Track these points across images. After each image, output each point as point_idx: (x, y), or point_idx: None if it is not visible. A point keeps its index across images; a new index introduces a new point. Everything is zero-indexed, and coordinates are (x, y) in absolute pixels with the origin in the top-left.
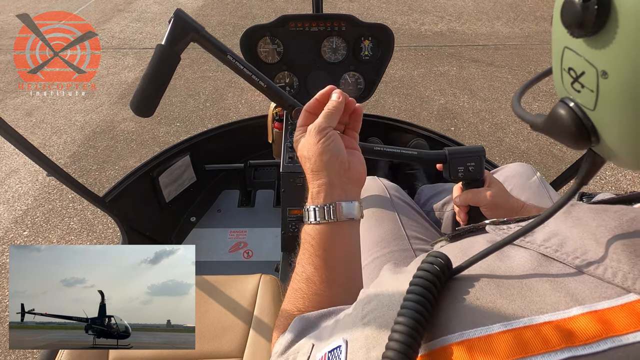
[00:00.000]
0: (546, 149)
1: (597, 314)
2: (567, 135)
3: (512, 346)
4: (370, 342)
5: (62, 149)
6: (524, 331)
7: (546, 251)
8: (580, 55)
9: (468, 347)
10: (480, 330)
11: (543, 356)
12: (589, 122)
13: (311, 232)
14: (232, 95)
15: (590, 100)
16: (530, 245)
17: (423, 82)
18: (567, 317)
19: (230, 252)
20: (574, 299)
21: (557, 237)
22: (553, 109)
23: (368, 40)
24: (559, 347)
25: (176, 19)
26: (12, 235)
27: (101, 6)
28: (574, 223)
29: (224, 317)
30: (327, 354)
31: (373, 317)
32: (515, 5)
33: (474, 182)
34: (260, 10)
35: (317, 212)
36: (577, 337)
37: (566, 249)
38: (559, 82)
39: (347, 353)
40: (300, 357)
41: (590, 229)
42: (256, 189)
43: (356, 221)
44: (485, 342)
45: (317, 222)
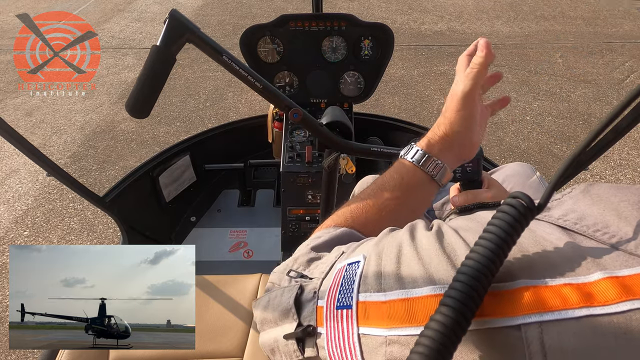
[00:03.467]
0: (546, 148)
1: (619, 280)
2: None
3: (531, 302)
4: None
5: (62, 149)
6: (545, 290)
7: (565, 224)
8: None
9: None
10: (503, 285)
11: (560, 313)
12: None
13: (411, 169)
14: (232, 95)
15: None
16: (548, 219)
17: (423, 82)
18: (588, 281)
19: (230, 251)
20: (595, 265)
21: (576, 212)
22: None
23: (368, 39)
24: (577, 305)
25: (171, 20)
26: (12, 235)
27: (101, 6)
28: (593, 200)
29: (224, 317)
30: (346, 265)
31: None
32: (515, 4)
33: (472, 183)
34: (260, 10)
35: (425, 158)
36: (596, 298)
37: (586, 222)
38: None
39: (363, 269)
40: (328, 260)
41: (612, 205)
42: (256, 188)
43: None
44: (505, 295)
45: (420, 165)
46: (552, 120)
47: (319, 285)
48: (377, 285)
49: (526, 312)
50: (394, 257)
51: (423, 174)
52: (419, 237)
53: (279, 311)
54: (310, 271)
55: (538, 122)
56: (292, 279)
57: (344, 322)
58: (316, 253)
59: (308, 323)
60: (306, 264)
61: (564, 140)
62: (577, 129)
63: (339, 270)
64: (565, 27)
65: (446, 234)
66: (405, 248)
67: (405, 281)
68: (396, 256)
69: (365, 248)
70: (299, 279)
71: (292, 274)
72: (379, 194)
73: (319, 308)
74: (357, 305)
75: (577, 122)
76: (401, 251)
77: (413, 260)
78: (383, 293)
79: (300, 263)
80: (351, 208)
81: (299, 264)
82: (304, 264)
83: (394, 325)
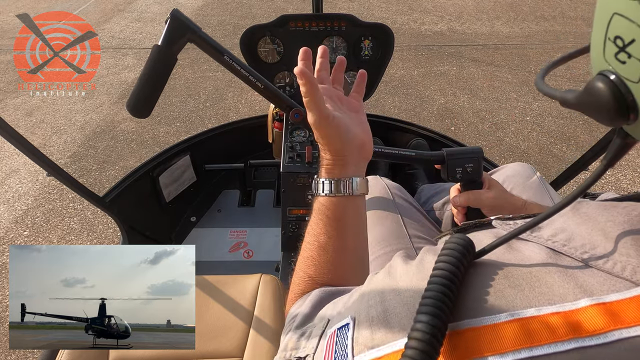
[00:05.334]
0: (546, 148)
1: (605, 306)
2: (603, 111)
3: (519, 335)
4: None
5: (62, 149)
6: (531, 321)
7: (554, 245)
8: (633, 20)
9: (474, 334)
10: (488, 319)
11: (549, 346)
12: (631, 96)
13: (326, 203)
14: (232, 95)
15: (636, 71)
16: (537, 240)
17: (423, 82)
18: (575, 308)
19: (230, 252)
20: (582, 291)
21: (565, 232)
22: (590, 82)
23: (368, 40)
24: (566, 337)
25: (173, 19)
26: (12, 235)
27: (101, 6)
28: (582, 219)
29: (224, 317)
30: (336, 330)
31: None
32: (516, 4)
33: (472, 183)
34: (260, 10)
35: (333, 185)
36: (585, 328)
37: (574, 244)
38: (600, 54)
39: (354, 330)
40: (315, 331)
41: (599, 225)
42: (256, 189)
43: (364, 195)
44: (491, 331)
45: (333, 194)
46: (552, 121)
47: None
48: (370, 342)
49: (516, 348)
50: (380, 308)
51: (342, 199)
52: (399, 276)
53: None
54: (302, 350)
55: (538, 123)
56: None
57: None
58: (301, 329)
59: None
60: (296, 344)
61: (564, 141)
62: (577, 129)
63: (330, 337)
64: (565, 28)
65: (428, 265)
66: (387, 295)
67: (395, 331)
68: (382, 308)
69: (351, 308)
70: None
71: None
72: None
73: None
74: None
75: (577, 123)
76: (384, 299)
77: (398, 306)
78: (377, 349)
79: (291, 348)
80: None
81: (290, 350)
82: (293, 347)
83: None
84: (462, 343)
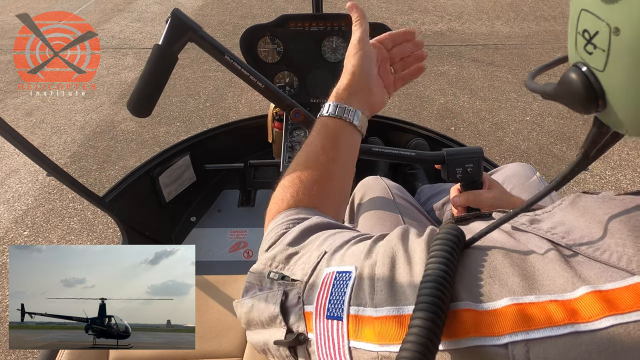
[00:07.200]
0: (546, 148)
1: (602, 294)
2: (576, 100)
3: (517, 319)
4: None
5: (62, 149)
6: (530, 307)
7: (553, 237)
8: (595, 14)
9: (472, 315)
10: (488, 305)
11: (545, 330)
12: (598, 84)
13: (327, 121)
14: (232, 95)
15: (601, 61)
16: (537, 232)
17: (423, 82)
18: (574, 297)
19: (230, 252)
20: (580, 280)
21: (564, 225)
22: (564, 75)
23: None
24: (562, 322)
25: (173, 19)
26: (12, 235)
27: (101, 6)
28: (581, 212)
29: (224, 317)
30: (335, 273)
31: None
32: (515, 4)
33: (472, 183)
34: (260, 10)
35: (338, 108)
36: (581, 315)
37: (573, 236)
38: (573, 48)
39: (355, 282)
40: (310, 258)
41: (597, 217)
42: (256, 188)
43: (360, 134)
44: (490, 315)
45: (336, 116)
46: (552, 121)
47: (302, 290)
48: (369, 299)
49: (513, 330)
50: (387, 270)
51: (342, 122)
52: (412, 248)
53: (265, 316)
54: (290, 269)
55: (538, 123)
56: (274, 281)
57: (334, 333)
58: (293, 247)
59: (297, 329)
60: (285, 261)
61: (564, 141)
62: (577, 129)
63: (328, 276)
64: (565, 28)
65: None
66: (399, 260)
67: (397, 297)
68: (389, 269)
69: (355, 258)
70: (280, 282)
71: (273, 275)
72: (315, 159)
73: (307, 314)
74: (348, 318)
75: (577, 122)
76: (394, 263)
77: (405, 275)
78: (375, 309)
79: (279, 261)
80: (300, 183)
81: (278, 262)
82: (282, 261)
83: (386, 342)
84: (459, 324)
